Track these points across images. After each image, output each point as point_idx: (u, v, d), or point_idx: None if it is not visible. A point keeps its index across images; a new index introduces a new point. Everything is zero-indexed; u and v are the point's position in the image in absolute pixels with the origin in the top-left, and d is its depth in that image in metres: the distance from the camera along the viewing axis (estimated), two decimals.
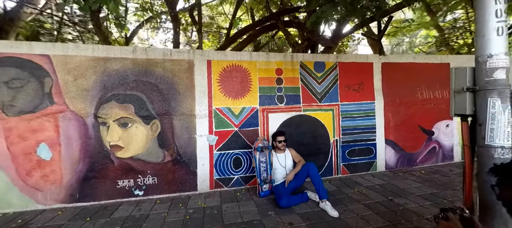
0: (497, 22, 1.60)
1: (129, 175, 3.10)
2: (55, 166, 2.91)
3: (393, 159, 4.22)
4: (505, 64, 1.62)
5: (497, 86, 1.63)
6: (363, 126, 4.04)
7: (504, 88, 1.62)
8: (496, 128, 1.63)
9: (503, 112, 1.61)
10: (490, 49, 1.63)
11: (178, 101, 3.25)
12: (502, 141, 1.63)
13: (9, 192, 2.80)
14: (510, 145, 1.64)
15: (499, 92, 1.62)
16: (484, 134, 1.68)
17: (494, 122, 1.64)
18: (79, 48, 3.00)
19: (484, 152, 1.70)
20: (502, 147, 1.62)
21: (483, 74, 1.68)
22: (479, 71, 1.71)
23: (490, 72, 1.64)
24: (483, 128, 1.69)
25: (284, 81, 3.66)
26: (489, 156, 1.66)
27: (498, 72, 1.62)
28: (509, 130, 1.62)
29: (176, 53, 3.26)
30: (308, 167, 2.99)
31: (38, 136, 2.86)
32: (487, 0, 1.60)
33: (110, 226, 2.46)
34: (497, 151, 1.64)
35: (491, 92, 1.64)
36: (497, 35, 1.60)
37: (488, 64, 1.64)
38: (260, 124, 3.56)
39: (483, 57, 1.67)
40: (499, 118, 1.62)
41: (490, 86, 1.65)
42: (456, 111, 1.91)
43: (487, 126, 1.66)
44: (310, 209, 2.78)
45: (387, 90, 4.15)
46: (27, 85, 2.86)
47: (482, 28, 1.66)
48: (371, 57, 4.16)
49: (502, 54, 1.61)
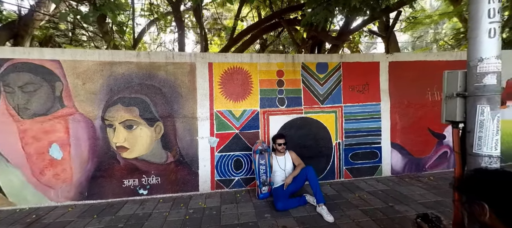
0: (490, 23, 1.51)
1: (134, 175, 3.24)
2: (66, 165, 3.10)
3: (400, 164, 4.10)
4: (496, 68, 1.54)
5: (486, 92, 1.56)
6: (368, 128, 3.95)
7: (494, 94, 1.55)
8: (484, 136, 1.57)
9: (492, 120, 1.55)
10: (481, 52, 1.55)
11: (181, 104, 3.33)
12: (490, 150, 1.57)
13: (25, 189, 3.02)
14: (498, 154, 1.57)
15: (488, 98, 1.55)
16: (472, 142, 1.62)
17: (482, 130, 1.57)
18: (86, 53, 3.14)
19: (472, 161, 1.64)
20: (490, 156, 1.56)
21: (473, 79, 1.61)
22: (469, 76, 1.64)
23: (480, 77, 1.57)
24: (472, 135, 1.63)
25: (285, 83, 3.65)
26: (477, 165, 1.61)
27: (488, 77, 1.54)
28: (498, 138, 1.56)
29: (178, 56, 3.33)
30: (307, 170, 2.99)
31: (50, 137, 3.05)
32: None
33: (114, 223, 2.60)
34: (484, 160, 1.58)
35: (480, 98, 1.58)
36: (489, 37, 1.51)
37: (479, 68, 1.57)
38: (261, 126, 3.58)
39: (473, 61, 1.60)
40: (487, 126, 1.56)
41: (479, 92, 1.58)
42: (447, 117, 1.84)
43: (475, 133, 1.60)
44: (307, 213, 2.79)
45: (394, 90, 4.02)
46: (39, 89, 3.04)
47: (473, 29, 1.58)
48: (378, 56, 4.04)
49: (493, 58, 1.53)
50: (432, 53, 4.91)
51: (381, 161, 4.02)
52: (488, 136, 1.56)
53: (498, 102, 1.59)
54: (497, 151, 1.57)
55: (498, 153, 1.57)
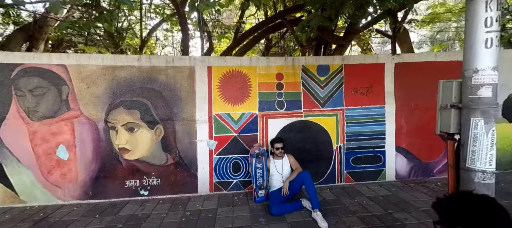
0: (486, 33, 1.43)
1: (135, 176, 3.34)
2: (72, 166, 3.25)
3: (405, 168, 3.97)
4: (492, 80, 1.45)
5: (481, 104, 1.48)
6: (371, 132, 3.85)
7: (489, 107, 1.46)
8: (478, 151, 1.49)
9: (486, 134, 1.47)
10: (476, 63, 1.47)
11: (180, 107, 3.39)
12: (483, 165, 1.49)
13: (34, 188, 3.20)
14: (493, 170, 1.48)
15: (482, 111, 1.47)
16: (466, 156, 1.54)
17: (476, 144, 1.50)
18: (90, 58, 3.26)
19: (464, 175, 1.57)
20: (483, 172, 1.49)
21: (468, 90, 1.53)
22: (464, 87, 1.57)
23: (475, 89, 1.49)
24: (465, 149, 1.55)
25: (285, 86, 3.62)
26: (470, 180, 1.53)
27: (483, 90, 1.46)
28: (492, 154, 1.47)
29: (178, 60, 3.39)
30: (303, 175, 2.97)
31: (57, 139, 3.21)
32: (477, 6, 1.42)
33: (114, 223, 2.70)
34: (477, 176, 1.50)
35: (474, 111, 1.50)
36: (485, 48, 1.43)
37: (474, 80, 1.49)
38: (260, 129, 3.58)
39: (468, 72, 1.52)
40: (481, 140, 1.48)
41: (473, 104, 1.51)
42: (441, 128, 1.77)
43: (468, 147, 1.53)
44: (302, 218, 2.77)
45: (400, 93, 3.89)
46: (48, 93, 3.19)
47: (469, 38, 1.50)
48: (383, 57, 3.91)
49: (489, 69, 1.45)
50: (443, 53, 4.68)
51: (385, 165, 3.91)
52: (482, 151, 1.49)
53: (493, 116, 1.50)
54: (492, 166, 1.49)
55: (492, 168, 1.49)
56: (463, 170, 1.65)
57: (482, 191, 1.62)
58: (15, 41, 5.70)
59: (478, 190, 1.63)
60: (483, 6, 1.39)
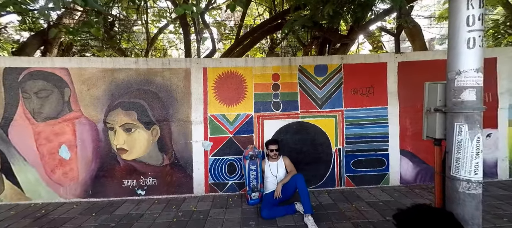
0: (469, 32, 1.32)
1: (132, 175, 3.42)
2: (73, 165, 3.37)
3: (411, 173, 3.77)
4: (476, 83, 1.34)
5: (464, 109, 1.37)
6: (372, 134, 3.70)
7: (473, 112, 1.34)
8: (462, 158, 1.38)
9: (470, 140, 1.35)
10: (459, 64, 1.36)
11: (176, 108, 3.43)
12: (468, 174, 1.38)
13: (38, 186, 3.35)
14: (479, 180, 1.36)
15: (466, 116, 1.36)
16: (450, 164, 1.43)
17: (460, 151, 1.38)
18: (90, 61, 3.38)
19: (449, 184, 1.46)
20: (468, 181, 1.37)
21: (451, 93, 1.42)
22: (448, 90, 1.46)
23: (458, 92, 1.38)
24: (449, 156, 1.44)
25: (281, 87, 3.56)
26: (454, 190, 1.42)
27: (466, 93, 1.35)
28: (478, 162, 1.35)
29: (173, 62, 3.43)
30: (296, 178, 2.90)
31: (59, 139, 3.34)
32: (459, 3, 1.32)
33: (108, 222, 2.77)
34: (462, 185, 1.39)
35: (458, 116, 1.39)
36: (468, 48, 1.32)
37: (457, 82, 1.38)
38: (255, 131, 3.54)
39: (451, 74, 1.41)
40: (465, 147, 1.37)
41: (457, 108, 1.40)
42: (427, 133, 1.66)
43: (453, 154, 1.41)
44: (293, 222, 2.70)
45: (404, 93, 3.70)
46: (51, 95, 3.34)
47: (451, 38, 1.39)
48: (385, 56, 3.75)
49: (473, 71, 1.33)
50: None
51: (389, 169, 3.74)
52: (466, 158, 1.38)
53: (478, 121, 1.39)
54: (478, 176, 1.37)
55: (478, 178, 1.37)
56: (448, 178, 1.54)
57: (467, 201, 1.50)
58: (31, 46, 6.03)
59: (463, 201, 1.51)
60: (464, 4, 1.28)
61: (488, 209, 2.85)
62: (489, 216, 2.71)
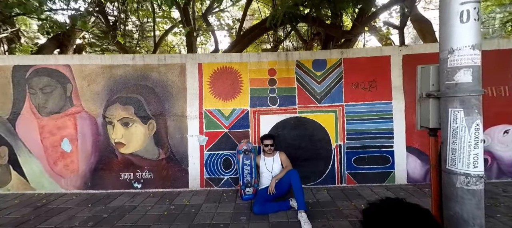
0: (461, 4, 1.16)
1: (129, 169, 3.46)
2: (74, 158, 3.47)
3: (419, 171, 3.54)
4: (472, 61, 1.17)
5: (459, 92, 1.21)
6: (376, 130, 3.51)
7: (470, 95, 1.18)
8: (459, 149, 1.21)
9: (467, 128, 1.18)
10: (451, 41, 1.21)
11: (171, 103, 3.45)
12: (466, 167, 1.21)
13: (42, 177, 3.48)
14: (479, 174, 1.19)
15: (461, 100, 1.20)
16: (446, 156, 1.27)
17: (456, 141, 1.22)
18: (91, 58, 3.49)
19: (445, 179, 1.29)
20: (467, 175, 1.20)
21: (444, 75, 1.26)
22: (440, 72, 1.30)
23: (451, 74, 1.23)
24: (445, 147, 1.28)
25: (278, 82, 3.47)
26: (451, 185, 1.25)
27: (461, 74, 1.19)
28: (478, 153, 1.18)
29: (169, 58, 3.46)
30: (290, 174, 2.80)
31: (62, 132, 3.46)
32: None
33: (101, 213, 2.81)
34: (459, 180, 1.22)
35: (452, 100, 1.23)
36: (461, 22, 1.17)
37: (450, 62, 1.23)
38: (251, 126, 3.47)
39: (444, 53, 1.26)
40: (462, 136, 1.20)
41: (450, 92, 1.23)
42: (421, 122, 1.50)
43: (448, 145, 1.25)
44: (286, 219, 2.59)
45: (410, 87, 3.49)
46: (55, 91, 3.47)
47: (444, 12, 1.24)
48: (388, 49, 3.57)
49: (468, 48, 1.17)
50: None
51: (394, 167, 3.53)
52: (463, 149, 1.22)
53: (476, 106, 1.22)
54: (477, 169, 1.20)
55: (478, 171, 1.20)
56: (444, 172, 1.38)
57: (466, 199, 1.32)
58: (48, 48, 6.38)
59: (461, 198, 1.35)
60: None
61: (506, 211, 2.60)
62: (506, 218, 2.46)
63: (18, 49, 6.38)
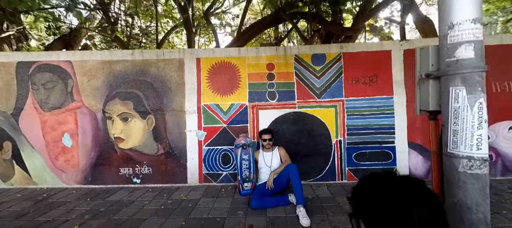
0: None
1: (129, 164, 3.48)
2: (74, 153, 3.51)
3: (422, 168, 3.46)
4: (473, 36, 1.11)
5: (460, 69, 1.14)
6: (377, 125, 3.45)
7: (472, 72, 1.12)
8: (461, 130, 1.15)
9: (470, 108, 1.12)
10: (451, 15, 1.15)
11: (170, 98, 3.45)
12: (469, 149, 1.14)
13: (44, 172, 3.52)
14: (483, 156, 1.12)
15: (463, 77, 1.13)
16: (447, 139, 1.21)
17: (457, 122, 1.15)
18: (91, 54, 3.53)
19: (447, 163, 1.23)
20: (470, 158, 1.13)
21: (444, 53, 1.20)
22: (440, 49, 1.24)
23: (451, 50, 1.16)
24: (446, 129, 1.22)
25: (276, 76, 3.45)
26: (453, 169, 1.19)
27: (462, 50, 1.13)
28: (481, 134, 1.12)
29: (168, 53, 3.47)
30: (289, 168, 2.76)
31: (63, 127, 3.50)
32: None
33: (98, 207, 2.82)
34: (462, 163, 1.15)
35: (453, 79, 1.16)
36: None
37: (450, 38, 1.16)
38: (250, 121, 3.45)
39: (443, 29, 1.20)
40: (464, 116, 1.13)
41: (451, 70, 1.17)
42: (421, 106, 1.44)
43: (449, 126, 1.19)
44: (284, 214, 2.55)
45: (411, 82, 3.42)
46: (56, 86, 3.52)
47: None
48: (389, 44, 3.51)
49: (468, 21, 1.11)
50: None
51: (396, 163, 3.46)
52: (466, 130, 1.14)
53: (479, 84, 1.14)
54: (481, 151, 1.13)
55: (482, 154, 1.13)
56: (445, 156, 1.31)
57: (469, 184, 1.25)
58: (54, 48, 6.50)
59: (464, 182, 1.28)
60: None
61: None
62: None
63: (26, 49, 6.51)
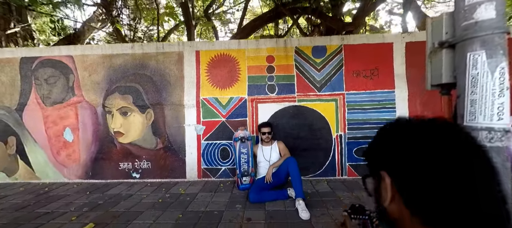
0: None
1: (128, 158, 3.48)
2: (75, 147, 3.53)
3: None
4: None
5: (479, 31, 1.01)
6: (378, 119, 3.38)
7: (493, 34, 1.00)
8: (479, 99, 1.04)
9: (491, 73, 1.02)
10: None
11: (169, 92, 3.45)
12: (489, 120, 1.03)
13: (46, 166, 3.56)
14: (504, 127, 1.03)
15: (483, 41, 1.01)
16: (463, 110, 1.13)
17: (476, 90, 1.05)
18: (92, 48, 3.55)
19: None
20: (490, 130, 1.04)
21: (461, 16, 1.09)
22: (456, 14, 1.14)
23: (469, 12, 1.05)
24: (461, 101, 1.13)
25: (276, 69, 3.41)
26: None
27: (482, 9, 1.02)
28: (503, 102, 1.02)
29: (167, 46, 3.48)
30: (288, 162, 2.72)
31: (64, 122, 3.53)
32: None
33: (97, 200, 2.82)
34: (481, 135, 1.06)
35: (472, 43, 1.04)
36: None
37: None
38: (249, 114, 3.42)
39: None
40: (484, 83, 1.02)
41: (469, 33, 1.05)
42: (432, 81, 1.34)
43: (466, 97, 1.10)
44: (283, 207, 2.51)
45: (413, 76, 3.35)
46: (58, 81, 3.56)
47: None
48: (390, 36, 3.43)
49: None
50: None
51: None
52: (486, 98, 1.03)
53: (500, 46, 1.02)
54: (503, 121, 1.01)
55: (503, 124, 1.01)
56: None
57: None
58: None
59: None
60: None
61: None
62: None
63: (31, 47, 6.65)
